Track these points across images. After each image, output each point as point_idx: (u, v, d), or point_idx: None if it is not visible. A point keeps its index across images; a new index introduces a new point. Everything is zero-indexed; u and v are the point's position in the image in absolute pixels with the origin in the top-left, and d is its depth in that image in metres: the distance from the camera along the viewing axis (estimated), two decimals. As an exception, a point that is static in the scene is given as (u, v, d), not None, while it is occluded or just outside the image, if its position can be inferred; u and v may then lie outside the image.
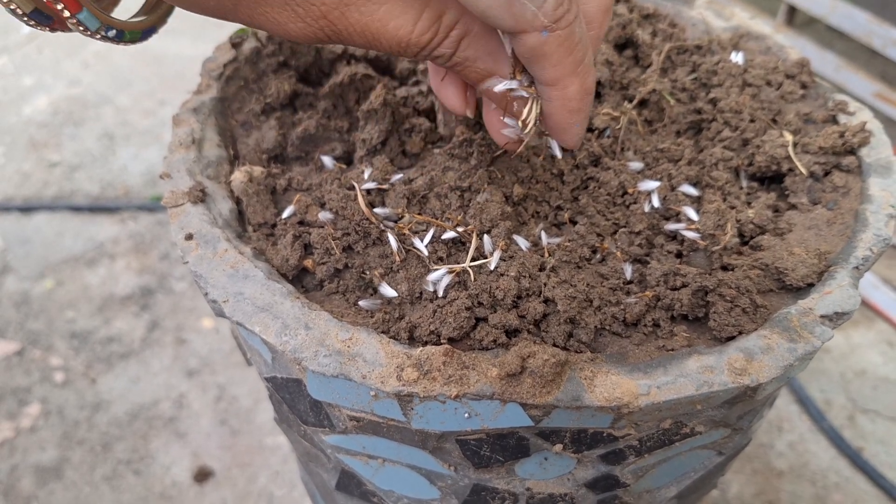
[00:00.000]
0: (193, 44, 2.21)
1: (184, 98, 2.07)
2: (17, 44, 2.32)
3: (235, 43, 0.74)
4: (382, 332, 0.53)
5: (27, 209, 1.78)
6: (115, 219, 1.77)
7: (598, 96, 0.70)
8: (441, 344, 0.53)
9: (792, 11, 1.65)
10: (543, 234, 0.61)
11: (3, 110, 2.07)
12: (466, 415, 0.50)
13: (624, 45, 0.74)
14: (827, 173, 0.65)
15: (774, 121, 0.68)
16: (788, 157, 0.64)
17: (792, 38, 1.63)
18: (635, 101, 0.67)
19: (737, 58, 0.70)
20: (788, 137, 0.65)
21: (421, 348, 0.50)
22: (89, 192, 1.83)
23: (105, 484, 1.29)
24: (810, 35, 1.70)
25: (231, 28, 2.21)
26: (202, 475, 1.30)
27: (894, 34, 1.46)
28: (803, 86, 0.71)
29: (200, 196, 0.60)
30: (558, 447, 0.54)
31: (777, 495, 1.22)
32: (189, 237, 0.57)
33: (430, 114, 0.71)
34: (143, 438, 1.38)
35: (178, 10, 0.52)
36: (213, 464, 1.31)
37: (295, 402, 0.58)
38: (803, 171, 0.64)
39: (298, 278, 0.60)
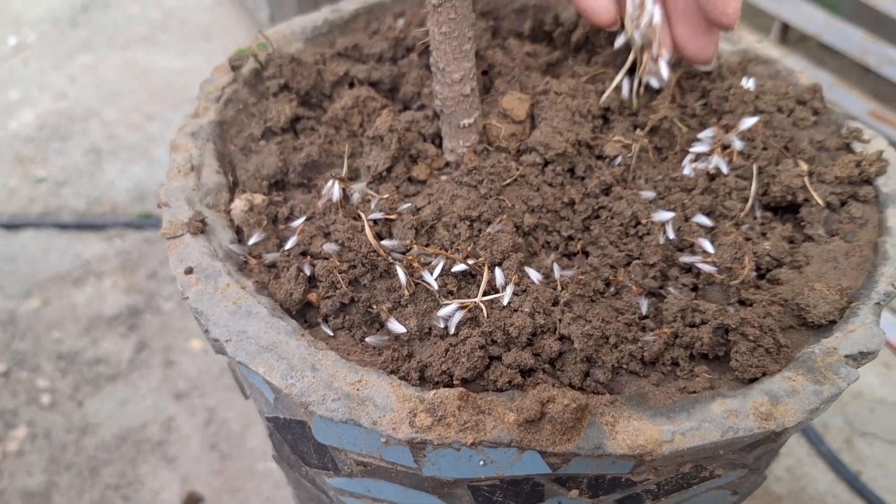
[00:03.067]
0: (181, 57, 2.18)
1: (172, 112, 2.04)
2: (2, 56, 2.28)
3: (235, 65, 0.71)
4: (392, 373, 0.51)
5: (13, 226, 1.74)
6: (101, 236, 1.73)
7: (607, 122, 0.68)
8: (454, 385, 0.51)
9: (785, 29, 1.65)
10: (556, 266, 0.59)
11: (-13, 124, 2.03)
12: (482, 462, 0.48)
13: (632, 70, 0.72)
14: (843, 203, 0.63)
15: (787, 148, 0.66)
16: (804, 187, 0.62)
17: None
18: (646, 129, 0.65)
19: (748, 84, 0.69)
20: (804, 167, 0.63)
21: (434, 391, 0.48)
22: (76, 209, 1.80)
23: (92, 511, 1.26)
24: (803, 53, 1.70)
25: (216, 40, 2.19)
26: (192, 501, 1.27)
27: (889, 52, 1.46)
28: (815, 112, 0.70)
29: (200, 227, 0.58)
30: (574, 493, 0.52)
31: (778, 520, 1.20)
32: (189, 271, 0.54)
33: (435, 139, 0.69)
34: (131, 463, 1.34)
35: (164, 23, 0.50)
36: (202, 489, 1.28)
37: (298, 443, 0.56)
38: (820, 201, 0.62)
39: (301, 312, 0.57)
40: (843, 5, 1.74)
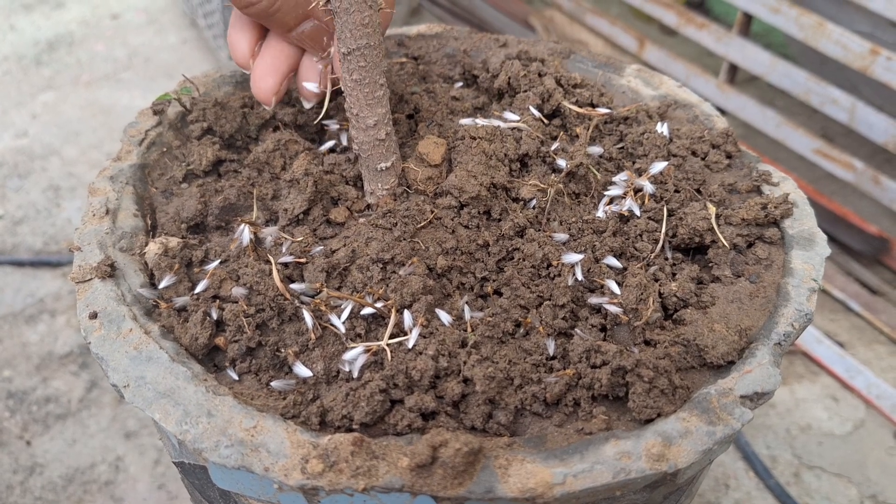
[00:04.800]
0: (143, 95, 2.19)
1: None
2: (-37, 93, 2.27)
3: (156, 109, 0.72)
4: (293, 417, 0.51)
5: (-34, 264, 1.73)
6: (57, 273, 1.72)
7: (525, 166, 0.69)
8: (353, 429, 0.51)
9: (734, 70, 1.69)
10: (466, 308, 0.60)
11: (-55, 161, 2.02)
12: (375, 506, 0.48)
13: (552, 114, 0.74)
14: (750, 245, 0.64)
15: (699, 191, 0.68)
16: (711, 229, 0.64)
17: (734, 96, 1.66)
18: (563, 174, 0.67)
19: (662, 128, 0.70)
20: (711, 209, 0.65)
21: (329, 437, 0.48)
22: (32, 246, 1.79)
23: (33, 556, 1.23)
24: (752, 92, 1.74)
25: (180, 78, 2.20)
26: (136, 544, 1.24)
27: (831, 92, 1.50)
28: (728, 155, 0.72)
29: (109, 271, 0.58)
30: (474, 535, 0.52)
31: (726, 556, 1.20)
32: (93, 316, 0.55)
33: (358, 181, 0.70)
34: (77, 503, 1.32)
35: (128, 62, 0.52)
36: (148, 532, 1.26)
37: (204, 488, 0.55)
38: (725, 243, 0.63)
39: (211, 356, 0.57)
40: (790, 47, 1.78)
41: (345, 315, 0.57)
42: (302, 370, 0.54)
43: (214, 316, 0.57)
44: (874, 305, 1.50)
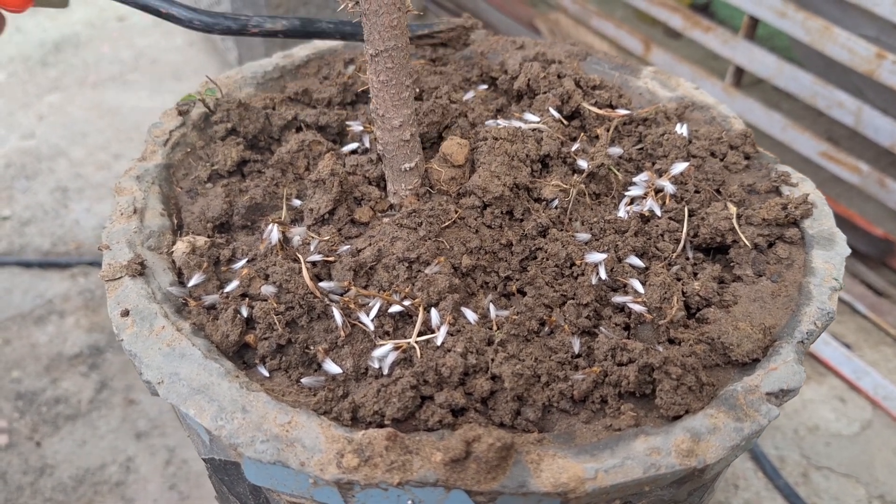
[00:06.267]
0: (150, 96, 2.19)
1: (139, 151, 2.05)
2: (-31, 94, 2.28)
3: (181, 110, 0.73)
4: (324, 413, 0.52)
5: (-26, 264, 1.73)
6: (65, 274, 1.73)
7: (546, 167, 0.70)
8: (385, 425, 0.52)
9: (739, 73, 1.70)
10: (492, 307, 0.60)
11: (-48, 162, 2.02)
12: (410, 501, 0.48)
13: (571, 116, 0.75)
14: (771, 245, 0.65)
15: (719, 191, 0.69)
16: (732, 229, 0.65)
17: (740, 99, 1.67)
18: (584, 175, 0.68)
19: (681, 130, 0.71)
20: (732, 209, 0.65)
21: (363, 432, 0.48)
22: (40, 247, 1.79)
23: (44, 555, 1.23)
24: (758, 96, 1.75)
25: (187, 80, 2.21)
26: (148, 544, 1.25)
27: (838, 95, 1.51)
28: (747, 156, 0.73)
29: (139, 269, 0.58)
30: (505, 530, 0.52)
31: (736, 556, 1.21)
32: (125, 313, 0.55)
33: (380, 182, 0.70)
34: (87, 505, 1.33)
35: (135, 64, 0.52)
36: (159, 532, 1.26)
37: (234, 484, 0.56)
38: (747, 243, 0.64)
39: (240, 354, 0.58)
40: (795, 50, 1.79)
41: (373, 313, 0.57)
42: (332, 367, 0.55)
43: (245, 314, 0.57)
44: (880, 307, 1.51)
